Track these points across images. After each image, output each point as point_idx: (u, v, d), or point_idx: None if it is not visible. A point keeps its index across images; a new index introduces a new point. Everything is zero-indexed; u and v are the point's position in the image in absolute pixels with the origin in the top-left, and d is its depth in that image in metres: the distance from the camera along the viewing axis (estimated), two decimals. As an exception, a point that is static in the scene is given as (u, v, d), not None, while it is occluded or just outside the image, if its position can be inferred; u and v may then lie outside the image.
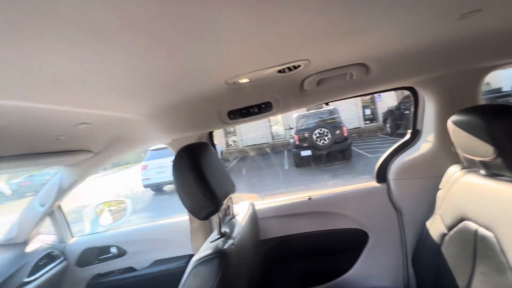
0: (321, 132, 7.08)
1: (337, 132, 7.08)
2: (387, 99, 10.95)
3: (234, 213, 1.11)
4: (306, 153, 7.25)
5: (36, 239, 1.56)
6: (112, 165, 15.89)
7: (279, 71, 0.78)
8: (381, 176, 1.32)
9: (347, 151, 7.30)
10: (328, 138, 7.03)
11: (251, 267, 1.03)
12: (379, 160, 1.35)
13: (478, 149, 0.78)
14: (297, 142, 7.38)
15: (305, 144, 7.23)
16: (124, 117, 0.94)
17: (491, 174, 0.82)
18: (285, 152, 10.71)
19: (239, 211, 1.14)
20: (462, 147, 0.87)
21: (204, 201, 0.81)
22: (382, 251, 1.29)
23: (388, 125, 9.61)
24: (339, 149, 7.21)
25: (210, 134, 1.42)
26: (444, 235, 0.93)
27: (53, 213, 1.57)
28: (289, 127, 9.40)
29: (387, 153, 1.34)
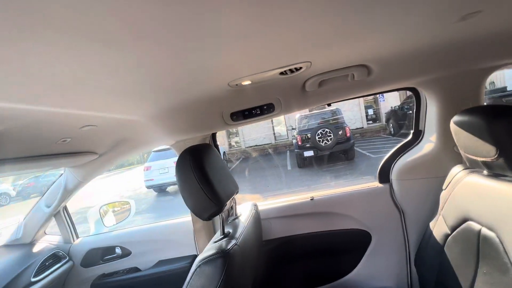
0: (323, 133, 7.05)
1: (340, 132, 7.04)
2: (390, 99, 10.89)
3: (237, 213, 1.12)
4: (308, 153, 7.21)
5: (42, 239, 1.59)
6: (116, 167, 15.98)
7: (281, 73, 0.79)
8: (384, 177, 1.32)
9: (350, 152, 7.25)
10: (331, 139, 6.99)
11: (254, 267, 1.03)
12: (382, 160, 1.35)
13: (480, 149, 0.78)
14: (299, 143, 7.35)
15: (308, 145, 7.20)
16: (128, 119, 0.95)
17: (493, 174, 0.82)
18: (288, 152, 10.68)
19: (242, 211, 1.14)
20: (465, 147, 0.87)
21: (208, 202, 0.82)
22: (385, 252, 1.29)
23: (391, 125, 9.54)
24: (342, 149, 7.17)
25: (213, 135, 1.43)
26: (447, 235, 0.93)
27: (59, 214, 1.59)
28: (292, 128, 9.38)
29: (389, 153, 1.34)
